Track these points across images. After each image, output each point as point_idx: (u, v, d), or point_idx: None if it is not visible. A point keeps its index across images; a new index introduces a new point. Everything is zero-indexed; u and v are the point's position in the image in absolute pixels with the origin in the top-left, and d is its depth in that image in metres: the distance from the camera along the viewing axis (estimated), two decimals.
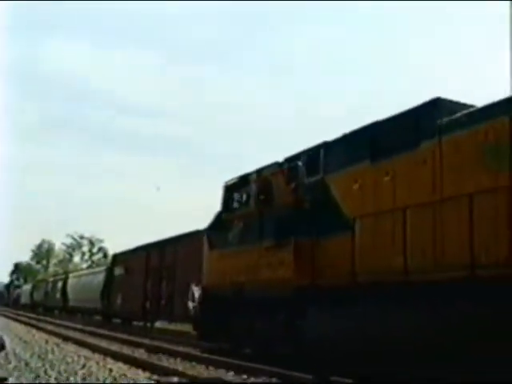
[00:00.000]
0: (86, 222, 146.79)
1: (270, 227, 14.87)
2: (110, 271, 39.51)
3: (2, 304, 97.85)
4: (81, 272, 57.13)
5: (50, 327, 31.04)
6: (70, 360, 15.21)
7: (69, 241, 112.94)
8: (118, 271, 37.77)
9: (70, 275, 55.35)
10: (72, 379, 11.70)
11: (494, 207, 9.29)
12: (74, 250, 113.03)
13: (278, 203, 14.75)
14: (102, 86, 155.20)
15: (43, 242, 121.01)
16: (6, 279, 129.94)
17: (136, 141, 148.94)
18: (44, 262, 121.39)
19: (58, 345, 20.24)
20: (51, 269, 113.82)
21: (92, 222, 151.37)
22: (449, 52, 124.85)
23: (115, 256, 40.99)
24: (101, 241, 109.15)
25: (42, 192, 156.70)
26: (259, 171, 15.98)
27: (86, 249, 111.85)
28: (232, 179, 17.46)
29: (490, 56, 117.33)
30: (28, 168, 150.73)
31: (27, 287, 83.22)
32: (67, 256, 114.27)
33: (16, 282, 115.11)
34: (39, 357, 15.87)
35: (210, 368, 14.13)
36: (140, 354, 17.69)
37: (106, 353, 17.23)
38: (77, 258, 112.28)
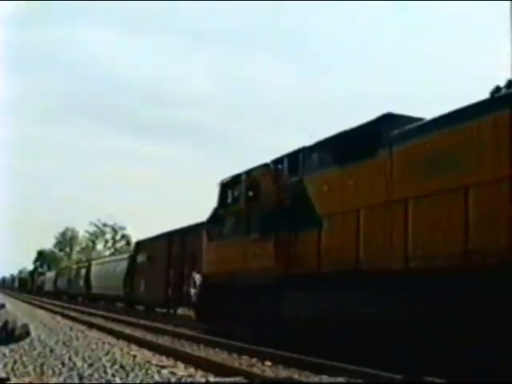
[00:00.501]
0: (110, 209, 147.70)
1: (256, 222, 16.87)
2: (132, 259, 39.73)
3: (25, 291, 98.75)
4: (104, 259, 57.50)
5: (74, 314, 31.26)
6: (94, 347, 15.30)
7: (92, 228, 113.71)
8: (140, 258, 37.96)
9: (93, 263, 55.71)
10: (96, 365, 11.76)
11: (429, 210, 10.95)
12: (97, 237, 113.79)
13: (264, 200, 16.69)
14: (126, 71, 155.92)
15: (67, 229, 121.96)
16: (30, 266, 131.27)
17: (160, 127, 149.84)
18: (67, 249, 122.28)
19: (82, 331, 20.37)
20: (74, 256, 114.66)
21: (115, 209, 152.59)
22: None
23: (138, 243, 41.19)
24: (123, 228, 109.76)
25: (66, 179, 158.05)
26: (249, 171, 17.86)
27: (109, 236, 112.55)
28: (227, 178, 19.33)
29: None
30: (52, 153, 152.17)
31: (51, 274, 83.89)
32: (90, 244, 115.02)
33: (40, 270, 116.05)
34: (64, 343, 15.97)
35: (234, 355, 14.19)
36: (163, 340, 17.78)
37: (129, 339, 17.32)
38: (100, 246, 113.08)
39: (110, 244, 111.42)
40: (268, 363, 12.69)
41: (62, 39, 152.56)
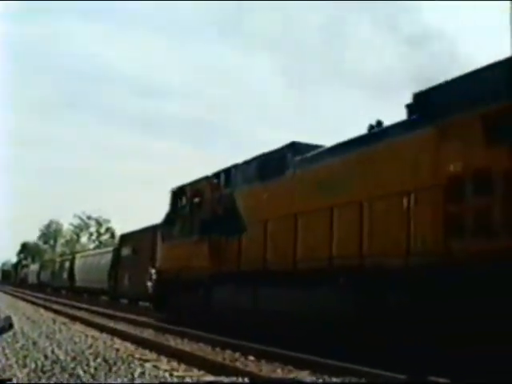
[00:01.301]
0: (94, 202, 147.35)
1: (197, 226, 19.71)
2: (117, 252, 39.64)
3: (8, 283, 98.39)
4: (88, 252, 57.38)
5: (57, 307, 31.21)
6: (77, 340, 15.29)
7: (76, 221, 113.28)
8: (125, 252, 37.89)
9: (78, 255, 55.61)
10: (79, 359, 11.75)
11: (316, 222, 13.74)
12: (81, 230, 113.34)
13: (204, 208, 19.57)
14: (116, 66, 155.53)
15: (51, 222, 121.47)
16: (13, 259, 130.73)
17: (148, 120, 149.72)
18: (51, 242, 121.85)
19: (65, 324, 20.37)
20: (58, 249, 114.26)
21: (100, 202, 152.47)
22: None
23: (122, 236, 41.12)
24: (108, 221, 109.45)
25: (51, 171, 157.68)
26: (194, 182, 20.73)
27: (93, 229, 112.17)
28: (176, 186, 22.13)
29: None
30: (38, 145, 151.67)
31: (34, 267, 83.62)
32: (75, 236, 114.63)
33: (23, 262, 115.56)
34: (47, 336, 15.95)
35: (217, 349, 14.23)
36: (147, 334, 17.79)
37: (113, 333, 17.34)
38: (84, 239, 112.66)
39: (94, 237, 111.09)
40: (251, 358, 12.73)
41: (51, 34, 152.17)
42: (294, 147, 15.53)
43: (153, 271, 24.03)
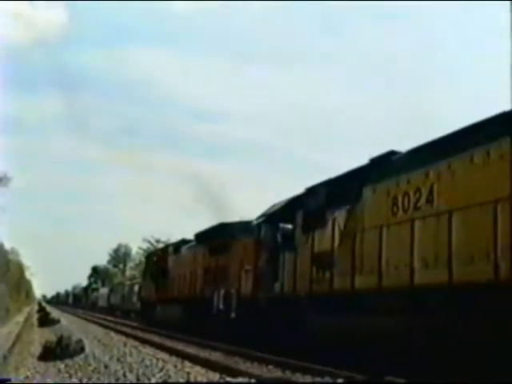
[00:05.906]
0: (163, 226, 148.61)
1: (153, 277, 38.83)
2: None
3: (79, 306, 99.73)
4: None
5: (127, 330, 31.48)
6: (148, 363, 15.31)
7: (145, 245, 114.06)
8: None
9: None
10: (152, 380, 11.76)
11: (185, 277, 32.27)
12: None
13: (156, 267, 38.75)
14: (176, 90, 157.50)
15: (120, 246, 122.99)
16: (84, 282, 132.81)
17: (211, 144, 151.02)
18: (121, 265, 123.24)
19: (136, 347, 20.45)
20: (128, 272, 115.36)
21: (168, 226, 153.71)
22: None
23: None
24: None
25: (119, 195, 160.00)
26: (155, 251, 46.88)
27: None
28: (148, 252, 58.49)
29: None
30: (106, 172, 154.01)
31: (104, 290, 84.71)
32: (144, 260, 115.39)
33: (94, 285, 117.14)
34: (118, 359, 16.03)
35: (287, 373, 14.10)
36: (216, 356, 17.76)
37: (183, 356, 17.33)
38: None
39: None
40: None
41: (113, 60, 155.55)
42: (184, 241, 34.63)
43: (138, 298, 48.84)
